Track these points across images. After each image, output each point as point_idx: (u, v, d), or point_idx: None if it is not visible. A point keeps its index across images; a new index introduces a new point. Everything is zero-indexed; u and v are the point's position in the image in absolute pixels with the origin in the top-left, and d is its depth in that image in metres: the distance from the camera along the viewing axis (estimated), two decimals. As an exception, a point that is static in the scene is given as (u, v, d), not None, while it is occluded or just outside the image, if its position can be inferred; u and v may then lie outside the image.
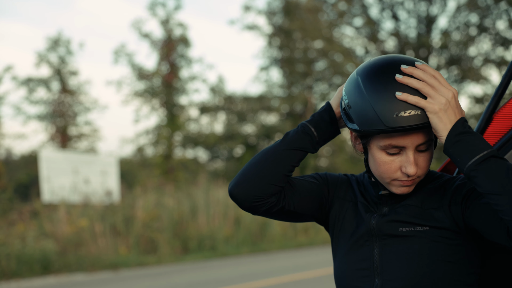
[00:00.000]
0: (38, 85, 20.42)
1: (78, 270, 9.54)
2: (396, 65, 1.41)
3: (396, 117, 1.36)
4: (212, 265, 10.28)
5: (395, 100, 1.36)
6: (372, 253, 1.49)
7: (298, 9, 21.51)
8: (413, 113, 1.35)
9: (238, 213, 12.88)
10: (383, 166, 1.44)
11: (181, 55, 19.94)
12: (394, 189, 1.46)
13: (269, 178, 1.50)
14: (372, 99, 1.38)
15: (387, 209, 1.51)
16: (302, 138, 1.53)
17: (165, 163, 19.29)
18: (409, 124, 1.35)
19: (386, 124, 1.36)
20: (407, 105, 1.36)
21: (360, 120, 1.41)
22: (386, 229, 1.48)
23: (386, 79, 1.39)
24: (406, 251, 1.45)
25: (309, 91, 22.14)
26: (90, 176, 13.78)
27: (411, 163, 1.40)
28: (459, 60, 21.49)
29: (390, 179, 1.45)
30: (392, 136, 1.40)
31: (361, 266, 1.50)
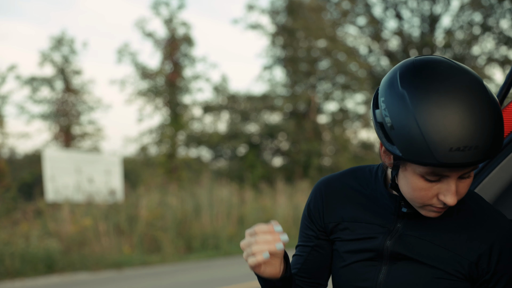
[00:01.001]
0: (42, 84, 20.45)
1: (82, 269, 9.56)
2: (453, 82, 1.19)
3: (451, 153, 1.16)
4: (216, 264, 10.29)
5: (452, 131, 1.16)
6: (378, 275, 1.39)
7: (302, 8, 21.50)
8: (472, 149, 1.16)
9: (241, 212, 12.89)
10: (418, 192, 1.26)
11: (185, 54, 19.95)
12: (423, 212, 1.31)
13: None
14: (424, 125, 1.17)
15: (401, 224, 1.38)
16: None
17: (168, 162, 19.30)
18: (466, 161, 1.17)
19: (438, 159, 1.16)
20: (466, 139, 1.16)
21: (404, 147, 1.19)
22: (400, 256, 1.36)
23: (444, 102, 1.17)
24: (413, 280, 1.35)
25: (313, 90, 22.12)
26: (93, 175, 13.81)
27: (452, 193, 1.23)
28: (462, 59, 21.45)
29: (422, 204, 1.28)
30: (434, 170, 1.22)
31: (363, 285, 1.40)
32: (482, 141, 1.17)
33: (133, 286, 8.29)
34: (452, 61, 1.25)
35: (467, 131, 1.16)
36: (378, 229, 1.39)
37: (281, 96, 22.08)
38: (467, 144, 1.16)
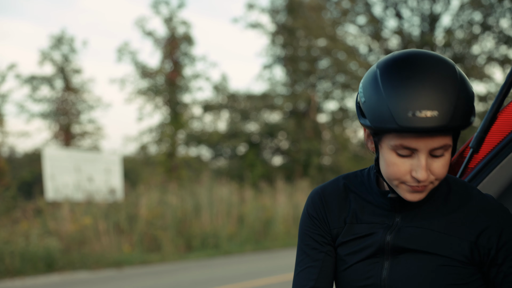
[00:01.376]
0: (42, 83, 20.45)
1: (81, 268, 9.56)
2: (419, 60, 1.29)
3: (411, 117, 1.24)
4: (216, 263, 10.29)
5: (412, 97, 1.24)
6: (381, 271, 1.38)
7: (302, 7, 21.50)
8: (430, 114, 1.23)
9: (241, 211, 12.90)
10: (392, 167, 1.30)
11: (185, 53, 19.95)
12: (403, 194, 1.33)
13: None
14: (387, 93, 1.27)
15: (399, 217, 1.39)
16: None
17: (168, 161, 19.30)
18: (424, 125, 1.23)
19: (399, 123, 1.24)
20: (424, 104, 1.24)
21: (372, 116, 1.29)
22: (401, 249, 1.37)
23: (406, 73, 1.27)
24: (417, 272, 1.36)
25: (313, 89, 22.12)
26: (93, 174, 13.81)
27: (422, 168, 1.28)
28: (462, 58, 21.45)
29: (398, 182, 1.32)
30: (404, 137, 1.27)
31: (367, 283, 1.39)
32: (441, 109, 1.24)
33: (133, 285, 8.30)
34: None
35: (427, 97, 1.24)
36: (377, 227, 1.40)
37: (281, 95, 22.08)
38: (425, 107, 1.24)
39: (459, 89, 1.27)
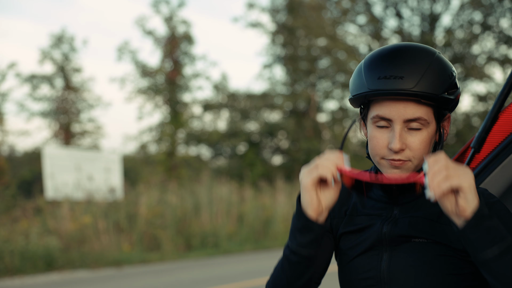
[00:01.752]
0: (42, 82, 20.45)
1: (81, 267, 9.56)
2: (400, 44, 1.41)
3: (379, 80, 1.35)
4: (215, 262, 10.30)
5: (384, 65, 1.36)
6: (380, 262, 1.42)
7: (302, 7, 21.49)
8: (396, 77, 1.33)
9: (241, 210, 12.90)
10: (372, 141, 1.40)
11: (185, 52, 19.95)
12: (385, 170, 1.40)
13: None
14: (365, 67, 1.40)
15: (397, 210, 1.44)
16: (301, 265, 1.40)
17: (168, 160, 19.31)
18: (389, 87, 1.33)
19: (368, 86, 1.36)
20: (393, 71, 1.34)
21: (352, 88, 1.43)
22: (397, 238, 1.41)
23: (385, 52, 1.40)
24: (415, 262, 1.39)
25: (313, 89, 22.12)
26: (93, 173, 13.81)
27: (395, 137, 1.35)
28: (462, 58, 21.45)
29: (379, 157, 1.40)
30: (380, 107, 1.37)
31: (367, 276, 1.43)
32: (408, 74, 1.34)
33: (132, 284, 8.30)
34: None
35: (395, 63, 1.36)
36: (375, 218, 1.45)
37: (281, 95, 22.08)
38: (393, 74, 1.34)
39: (431, 63, 1.36)
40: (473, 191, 1.23)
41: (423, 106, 1.36)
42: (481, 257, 1.24)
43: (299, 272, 1.40)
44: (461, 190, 1.22)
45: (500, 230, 1.24)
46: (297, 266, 1.39)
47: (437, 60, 1.38)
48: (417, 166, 1.40)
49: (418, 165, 1.40)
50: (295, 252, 1.38)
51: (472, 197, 1.22)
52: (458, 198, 1.23)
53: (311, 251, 1.37)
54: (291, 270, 1.40)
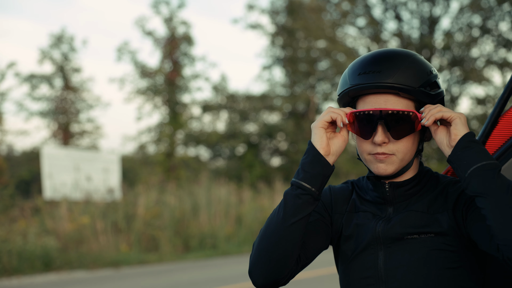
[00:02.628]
0: (41, 82, 20.44)
1: (79, 267, 9.55)
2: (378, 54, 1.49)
3: (359, 76, 1.45)
4: (213, 264, 10.29)
5: (364, 63, 1.46)
6: (377, 260, 1.47)
7: (302, 9, 21.50)
8: (373, 72, 1.43)
9: (239, 211, 12.89)
10: (360, 141, 1.49)
11: (184, 53, 19.94)
12: (373, 168, 1.48)
13: (283, 260, 1.44)
14: (349, 69, 1.51)
15: (392, 209, 1.50)
16: (304, 202, 1.43)
17: (167, 161, 19.30)
18: (368, 81, 1.43)
19: (350, 82, 1.47)
20: (372, 66, 1.44)
21: (338, 88, 1.53)
22: (392, 236, 1.46)
23: (365, 55, 1.50)
24: (410, 258, 1.44)
25: (312, 91, 22.13)
26: (92, 173, 13.80)
27: (379, 132, 1.43)
28: (461, 61, 21.46)
29: (366, 153, 1.48)
30: (364, 103, 1.46)
31: (366, 275, 1.48)
32: (385, 68, 1.43)
33: (130, 285, 8.29)
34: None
35: (375, 62, 1.45)
36: (371, 217, 1.52)
37: (280, 96, 22.09)
38: (371, 69, 1.44)
39: (409, 60, 1.46)
40: (464, 123, 1.39)
41: (403, 100, 1.44)
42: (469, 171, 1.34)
43: (297, 207, 1.43)
44: (452, 121, 1.39)
45: (489, 154, 1.36)
46: (296, 200, 1.43)
47: (414, 59, 1.47)
48: (402, 161, 1.46)
49: (403, 159, 1.46)
50: (299, 185, 1.44)
51: (462, 127, 1.38)
52: (450, 128, 1.40)
53: (315, 191, 1.43)
54: (289, 205, 1.44)
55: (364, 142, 1.47)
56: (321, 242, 1.54)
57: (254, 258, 1.46)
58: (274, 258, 1.43)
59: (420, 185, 1.50)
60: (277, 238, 1.43)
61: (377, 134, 1.43)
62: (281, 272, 1.45)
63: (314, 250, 1.53)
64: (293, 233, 1.43)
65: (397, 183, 1.49)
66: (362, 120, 1.44)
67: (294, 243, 1.43)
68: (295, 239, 1.43)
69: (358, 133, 1.47)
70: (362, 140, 1.48)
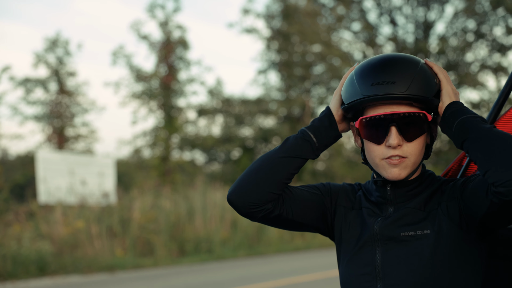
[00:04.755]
0: (36, 86, 20.38)
1: (74, 272, 9.52)
2: (387, 54, 1.51)
3: (372, 86, 1.45)
4: (209, 268, 10.27)
5: (375, 73, 1.46)
6: (375, 257, 1.50)
7: (297, 13, 21.54)
8: (387, 83, 1.44)
9: (235, 216, 12.87)
10: (372, 147, 1.49)
11: (180, 57, 19.94)
12: (385, 173, 1.48)
13: (265, 185, 1.51)
14: (357, 76, 1.50)
15: (392, 209, 1.52)
16: (301, 145, 1.54)
17: (162, 165, 19.26)
18: (383, 93, 1.44)
19: (363, 93, 1.46)
20: (385, 77, 1.44)
21: (345, 96, 1.52)
22: (388, 233, 1.49)
23: (375, 62, 1.50)
24: (407, 255, 1.46)
25: (307, 95, 22.16)
26: (87, 178, 13.76)
27: (393, 136, 1.44)
28: (456, 65, 21.54)
29: (379, 159, 1.48)
30: (375, 111, 1.47)
31: (364, 271, 1.50)
32: (399, 79, 1.44)
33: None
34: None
35: (387, 70, 1.46)
36: (372, 215, 1.54)
37: (276, 100, 22.10)
38: (385, 80, 1.44)
39: (419, 70, 1.48)
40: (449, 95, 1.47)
41: (415, 109, 1.47)
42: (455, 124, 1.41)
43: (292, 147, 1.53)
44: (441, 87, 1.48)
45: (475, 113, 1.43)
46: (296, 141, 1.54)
47: (423, 68, 1.49)
48: (414, 165, 1.48)
49: (415, 162, 1.48)
50: (303, 131, 1.55)
51: (446, 98, 1.47)
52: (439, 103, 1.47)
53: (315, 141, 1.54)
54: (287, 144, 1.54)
55: (375, 147, 1.48)
56: (310, 214, 1.59)
57: (239, 178, 1.55)
58: (256, 182, 1.51)
59: (421, 187, 1.53)
60: (265, 163, 1.53)
61: (391, 137, 1.45)
62: (257, 198, 1.51)
63: (300, 214, 1.58)
64: (282, 166, 1.52)
65: (398, 183, 1.52)
66: (373, 125, 1.47)
67: (281, 174, 1.52)
68: (282, 172, 1.52)
69: (370, 138, 1.48)
70: (373, 145, 1.49)
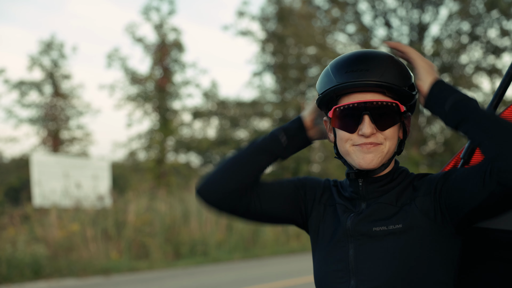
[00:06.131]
0: (31, 89, 20.34)
1: (69, 275, 9.49)
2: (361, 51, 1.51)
3: (346, 73, 1.45)
4: (204, 271, 10.26)
5: (349, 61, 1.47)
6: (348, 253, 1.49)
7: (292, 15, 21.58)
8: (361, 70, 1.44)
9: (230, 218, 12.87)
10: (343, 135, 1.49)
11: (175, 59, 19.93)
12: (357, 160, 1.47)
13: (233, 180, 1.55)
14: (332, 67, 1.51)
15: (365, 204, 1.52)
16: (269, 143, 1.58)
17: (157, 167, 19.24)
18: (357, 79, 1.43)
19: (337, 80, 1.46)
20: (359, 65, 1.45)
21: (320, 87, 1.52)
22: (360, 229, 1.48)
23: (348, 54, 1.51)
24: (380, 250, 1.45)
25: (302, 97, 22.19)
26: (81, 180, 13.72)
27: (365, 123, 1.44)
28: (450, 67, 21.62)
29: (350, 144, 1.48)
30: (348, 100, 1.46)
31: (337, 268, 1.50)
32: (373, 67, 1.44)
33: (120, 293, 8.25)
34: None
35: (360, 60, 1.46)
36: (344, 211, 1.54)
37: (271, 103, 22.13)
38: (359, 67, 1.44)
39: (392, 60, 1.48)
40: (429, 71, 1.46)
41: (388, 98, 1.46)
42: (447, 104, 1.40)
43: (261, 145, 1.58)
44: (415, 65, 1.46)
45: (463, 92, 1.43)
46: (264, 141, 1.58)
47: (395, 59, 1.50)
48: (387, 154, 1.48)
49: (388, 151, 1.48)
50: (272, 131, 1.58)
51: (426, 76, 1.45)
52: (416, 80, 1.46)
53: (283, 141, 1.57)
54: (256, 142, 1.59)
55: (348, 136, 1.48)
56: (282, 207, 1.60)
57: (209, 172, 1.61)
58: (224, 176, 1.56)
59: (394, 182, 1.52)
60: (235, 159, 1.58)
61: (364, 125, 1.44)
62: (224, 191, 1.56)
63: (271, 207, 1.59)
64: (249, 162, 1.57)
65: (370, 179, 1.52)
66: (346, 114, 1.46)
67: (248, 170, 1.56)
68: (249, 168, 1.56)
69: (343, 127, 1.47)
70: (346, 134, 1.48)
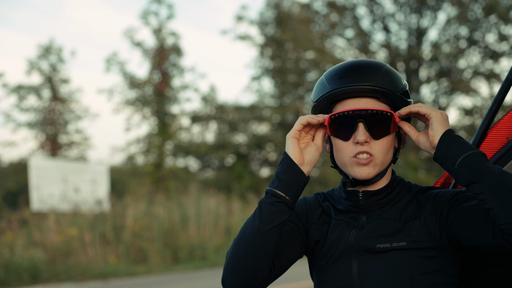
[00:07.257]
0: (29, 93, 20.32)
1: (67, 280, 9.46)
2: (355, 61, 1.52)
3: (340, 79, 1.47)
4: (203, 275, 10.24)
5: (343, 69, 1.49)
6: (351, 269, 1.47)
7: (290, 20, 21.62)
8: (354, 75, 1.45)
9: (228, 222, 12.86)
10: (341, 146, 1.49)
11: (173, 64, 19.94)
12: (354, 173, 1.47)
13: (257, 266, 1.44)
14: (326, 76, 1.53)
15: (365, 218, 1.51)
16: (278, 210, 1.44)
17: (156, 172, 19.22)
18: (350, 84, 1.45)
19: (331, 86, 1.48)
20: (352, 71, 1.47)
21: (314, 95, 1.55)
22: (364, 245, 1.47)
23: (342, 63, 1.53)
24: (383, 267, 1.44)
25: (301, 101, 22.20)
26: (80, 185, 13.70)
27: (361, 132, 1.44)
28: (449, 72, 21.65)
29: (348, 157, 1.47)
30: (343, 107, 1.47)
31: (340, 284, 1.48)
32: (367, 73, 1.46)
33: (119, 297, 8.23)
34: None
35: (352, 66, 1.49)
36: (345, 226, 1.52)
37: (269, 107, 22.13)
38: (352, 73, 1.46)
39: (385, 68, 1.50)
40: (441, 121, 1.41)
41: (382, 104, 1.47)
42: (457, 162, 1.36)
43: (271, 215, 1.44)
44: (429, 119, 1.42)
45: (472, 146, 1.39)
46: (271, 207, 1.44)
47: (389, 67, 1.51)
48: (382, 165, 1.47)
49: (383, 162, 1.47)
50: (274, 193, 1.45)
51: (439, 126, 1.41)
52: (429, 131, 1.42)
53: (289, 199, 1.44)
54: (264, 213, 1.44)
55: (344, 145, 1.47)
56: (295, 251, 1.55)
57: (228, 266, 1.47)
58: (248, 265, 1.44)
59: (393, 194, 1.52)
60: (251, 245, 1.44)
61: (359, 133, 1.44)
62: (254, 280, 1.45)
63: (288, 259, 1.54)
64: (268, 241, 1.43)
65: (370, 192, 1.50)
66: (341, 122, 1.46)
67: (268, 251, 1.44)
68: (269, 246, 1.44)
69: (338, 135, 1.47)
70: (341, 144, 1.48)
